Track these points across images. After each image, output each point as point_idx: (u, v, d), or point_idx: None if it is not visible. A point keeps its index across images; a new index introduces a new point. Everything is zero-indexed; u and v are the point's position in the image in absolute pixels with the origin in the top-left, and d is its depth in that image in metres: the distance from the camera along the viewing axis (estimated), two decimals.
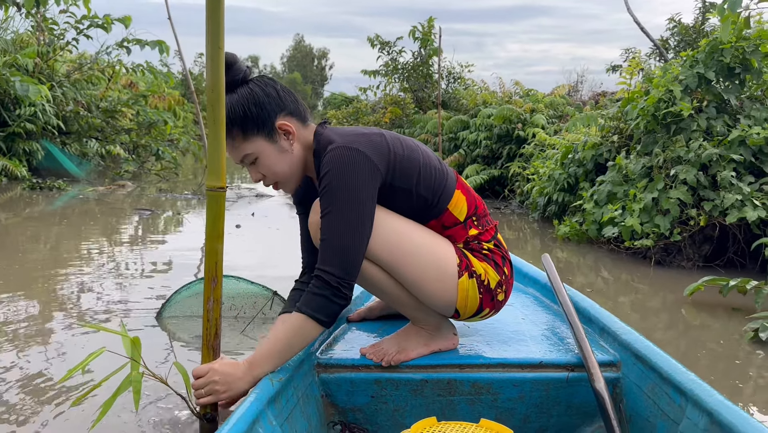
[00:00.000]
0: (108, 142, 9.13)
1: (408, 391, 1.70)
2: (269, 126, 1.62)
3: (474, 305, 1.69)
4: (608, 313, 1.93)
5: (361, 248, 1.53)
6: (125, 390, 1.45)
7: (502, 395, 1.69)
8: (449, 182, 1.70)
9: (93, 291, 3.50)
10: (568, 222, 5.70)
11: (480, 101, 9.97)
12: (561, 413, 1.71)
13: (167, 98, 10.50)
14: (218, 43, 1.50)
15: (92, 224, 5.97)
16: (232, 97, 1.61)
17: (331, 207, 1.51)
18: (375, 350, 1.71)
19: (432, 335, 1.74)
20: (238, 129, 1.61)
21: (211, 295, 1.56)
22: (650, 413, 1.55)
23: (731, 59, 4.80)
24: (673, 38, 13.01)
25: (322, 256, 1.51)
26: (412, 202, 1.65)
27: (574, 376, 1.68)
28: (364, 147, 1.56)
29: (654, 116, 5.07)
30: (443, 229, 1.70)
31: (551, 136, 7.85)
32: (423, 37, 11.47)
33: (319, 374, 1.71)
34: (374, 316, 2.04)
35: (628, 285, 4.40)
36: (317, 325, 1.50)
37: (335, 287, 1.48)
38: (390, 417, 1.72)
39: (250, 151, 1.63)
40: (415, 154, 1.66)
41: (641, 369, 1.62)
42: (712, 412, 1.31)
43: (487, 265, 1.69)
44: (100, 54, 9.14)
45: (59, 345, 2.62)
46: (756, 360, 2.85)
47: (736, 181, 4.49)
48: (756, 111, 4.89)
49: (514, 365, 1.70)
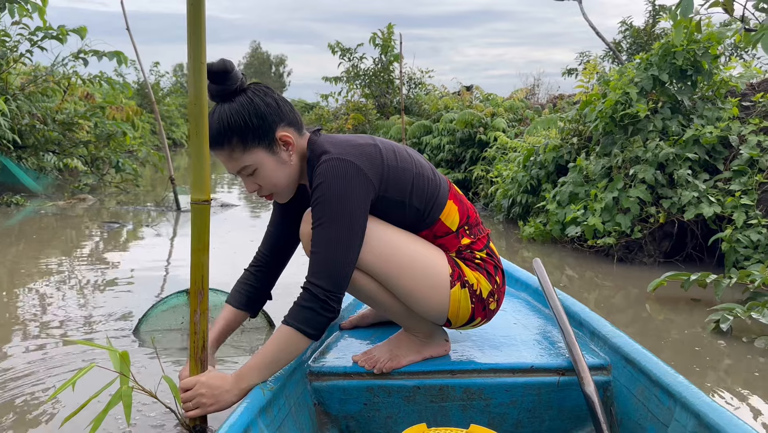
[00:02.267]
0: (66, 156, 8.92)
1: (400, 398, 1.70)
2: (270, 137, 1.58)
3: (466, 315, 1.69)
4: (598, 316, 1.94)
5: (351, 262, 1.52)
6: (115, 405, 1.45)
7: (494, 400, 1.70)
8: (442, 192, 1.69)
9: (61, 308, 3.44)
10: (533, 223, 5.82)
11: (442, 106, 10.09)
12: (553, 417, 1.72)
13: (125, 109, 10.33)
14: (200, 58, 1.51)
15: (57, 240, 5.84)
16: (231, 107, 1.57)
17: (323, 219, 1.50)
18: (367, 357, 1.71)
19: (424, 342, 1.73)
20: (238, 140, 1.57)
21: (198, 307, 1.56)
22: (640, 416, 1.57)
23: (683, 61, 4.99)
24: (625, 41, 13.39)
25: (311, 268, 1.51)
26: (404, 213, 1.64)
27: (565, 380, 1.69)
28: (358, 159, 1.55)
29: (612, 118, 5.23)
30: (435, 238, 1.69)
31: (512, 140, 8.00)
32: (383, 44, 11.56)
33: (312, 382, 1.71)
34: (366, 323, 2.04)
35: (593, 282, 4.52)
36: (305, 338, 1.50)
37: (323, 300, 1.48)
38: (383, 424, 1.72)
39: (249, 162, 1.59)
40: (408, 165, 1.65)
41: (631, 372, 1.63)
42: (700, 414, 1.33)
43: (479, 274, 1.69)
44: (56, 66, 8.93)
45: (41, 362, 2.58)
46: (719, 349, 2.97)
47: (692, 179, 4.66)
48: (708, 111, 5.10)
49: (505, 370, 1.70)
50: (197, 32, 1.49)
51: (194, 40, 1.49)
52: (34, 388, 2.32)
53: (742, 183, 4.52)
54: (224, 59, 1.57)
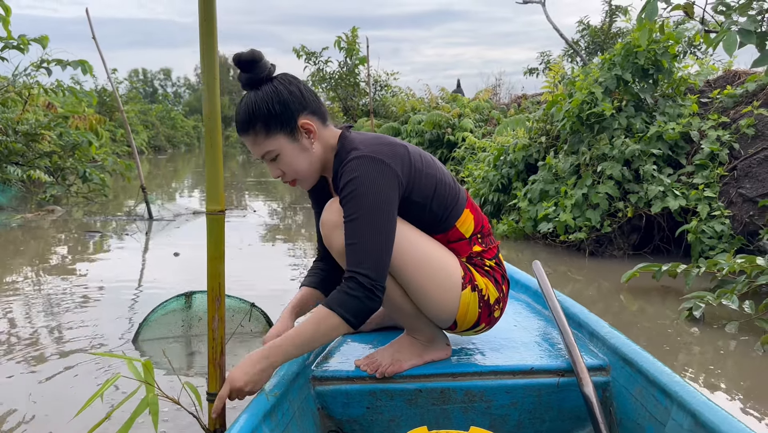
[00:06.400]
0: (29, 167, 8.75)
1: (402, 401, 1.72)
2: (292, 124, 1.63)
3: (473, 319, 1.72)
4: (597, 317, 1.98)
5: (389, 252, 1.54)
6: (141, 413, 1.50)
7: (495, 402, 1.71)
8: (461, 201, 1.74)
9: (48, 322, 3.43)
10: (505, 220, 5.97)
11: (409, 108, 10.21)
12: (553, 418, 1.74)
13: (88, 118, 10.17)
14: (213, 73, 1.57)
15: (36, 251, 5.76)
16: (256, 95, 1.62)
17: (359, 212, 1.52)
18: (369, 361, 1.73)
19: (426, 346, 1.76)
20: (261, 126, 1.61)
21: (216, 313, 1.60)
22: (638, 415, 1.59)
23: (645, 61, 5.20)
24: (583, 40, 13.72)
25: (352, 259, 1.52)
26: (423, 217, 1.68)
27: (565, 381, 1.70)
28: (388, 158, 1.58)
29: (579, 117, 5.41)
30: (447, 243, 1.73)
31: (480, 140, 8.17)
32: (348, 47, 11.62)
33: (315, 387, 1.72)
34: (369, 328, 2.07)
35: (566, 276, 4.67)
36: (345, 325, 1.51)
37: (370, 289, 1.49)
38: (386, 427, 1.74)
39: (271, 148, 1.64)
40: (432, 170, 1.69)
41: (629, 372, 1.66)
42: (696, 413, 1.35)
43: (488, 281, 1.73)
44: (18, 76, 8.75)
45: (57, 376, 2.60)
46: (692, 336, 3.14)
47: (657, 174, 4.86)
48: (669, 108, 5.32)
49: (506, 372, 1.71)
50: (209, 50, 1.55)
51: (207, 57, 1.55)
52: (55, 402, 2.34)
53: (704, 176, 4.74)
54: (254, 49, 1.62)
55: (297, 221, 8.01)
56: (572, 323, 1.98)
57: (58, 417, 2.20)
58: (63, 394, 2.42)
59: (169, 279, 4.45)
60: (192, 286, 3.17)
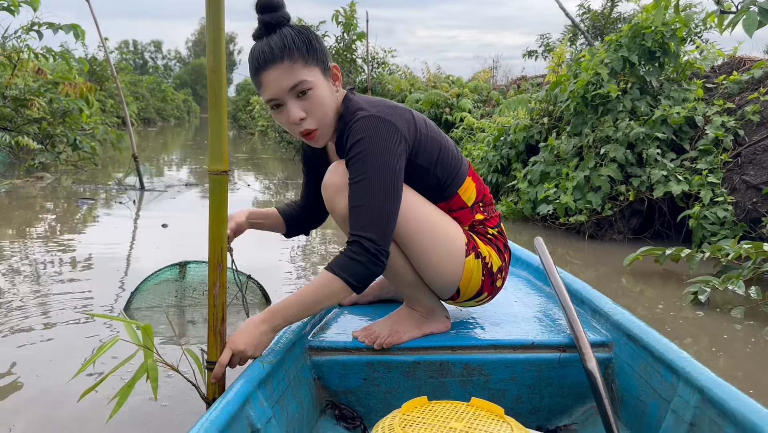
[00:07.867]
0: (18, 133, 8.57)
1: (400, 373, 1.69)
2: (326, 65, 1.56)
3: (476, 287, 1.69)
4: (600, 294, 1.95)
5: (395, 215, 1.50)
6: (140, 378, 1.42)
7: (494, 376, 1.69)
8: (463, 168, 1.71)
9: (44, 287, 3.33)
10: (505, 202, 5.90)
11: (406, 86, 10.07)
12: (553, 393, 1.72)
13: (78, 86, 9.96)
14: (219, 25, 1.47)
15: (29, 217, 5.63)
16: (290, 30, 1.52)
17: (365, 174, 1.47)
18: (367, 333, 1.70)
19: (425, 318, 1.73)
20: (300, 54, 1.51)
21: (217, 280, 1.53)
22: (642, 392, 1.57)
23: (652, 43, 5.10)
24: (583, 23, 13.58)
25: (356, 222, 1.47)
26: (426, 182, 1.64)
27: (566, 356, 1.68)
28: (395, 119, 1.53)
29: (583, 98, 5.32)
30: (450, 211, 1.70)
31: (479, 120, 8.07)
32: (346, 22, 11.42)
33: (311, 357, 1.69)
34: (366, 301, 2.03)
35: (564, 259, 4.62)
36: (347, 289, 1.47)
37: (374, 254, 1.45)
38: (382, 399, 1.72)
39: (308, 78, 1.52)
40: (437, 135, 1.65)
41: (633, 349, 1.63)
42: (704, 389, 1.33)
43: (491, 249, 1.70)
44: (7, 39, 8.53)
45: (46, 340, 2.52)
46: (698, 320, 3.09)
47: (660, 158, 4.79)
48: (675, 92, 5.24)
49: (505, 347, 1.69)
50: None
51: (213, 7, 1.45)
52: (48, 365, 2.27)
53: (708, 162, 4.68)
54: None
55: (289, 198, 7.92)
56: (574, 300, 1.94)
57: (52, 378, 2.15)
58: (57, 357, 2.37)
59: (161, 248, 4.35)
60: (184, 256, 3.09)
